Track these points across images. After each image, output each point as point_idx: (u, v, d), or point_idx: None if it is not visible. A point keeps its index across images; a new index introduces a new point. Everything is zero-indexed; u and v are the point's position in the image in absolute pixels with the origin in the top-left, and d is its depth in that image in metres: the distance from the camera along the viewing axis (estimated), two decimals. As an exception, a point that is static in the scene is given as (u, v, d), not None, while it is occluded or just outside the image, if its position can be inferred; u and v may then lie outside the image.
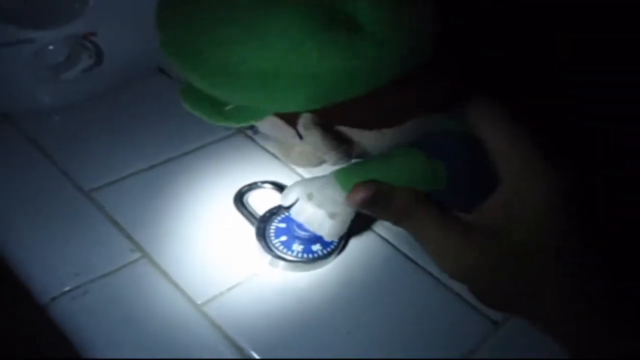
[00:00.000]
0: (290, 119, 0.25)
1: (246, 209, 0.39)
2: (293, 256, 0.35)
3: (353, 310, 0.34)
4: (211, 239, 0.38)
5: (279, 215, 0.38)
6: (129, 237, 0.37)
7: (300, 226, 0.35)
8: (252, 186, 0.41)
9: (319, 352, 0.32)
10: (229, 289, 0.35)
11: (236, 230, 0.38)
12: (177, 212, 0.39)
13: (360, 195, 0.24)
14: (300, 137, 0.25)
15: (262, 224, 0.37)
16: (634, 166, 0.30)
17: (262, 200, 0.40)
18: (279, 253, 0.35)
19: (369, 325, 0.33)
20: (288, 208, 0.32)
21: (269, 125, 0.26)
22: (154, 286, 0.35)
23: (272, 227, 0.37)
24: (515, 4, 0.32)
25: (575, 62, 0.33)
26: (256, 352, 0.32)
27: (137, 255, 0.36)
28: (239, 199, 0.40)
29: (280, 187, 0.41)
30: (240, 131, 0.47)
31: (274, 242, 0.36)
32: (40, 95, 0.45)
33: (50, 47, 0.42)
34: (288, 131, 0.26)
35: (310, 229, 0.32)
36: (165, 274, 0.35)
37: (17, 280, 0.34)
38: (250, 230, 0.38)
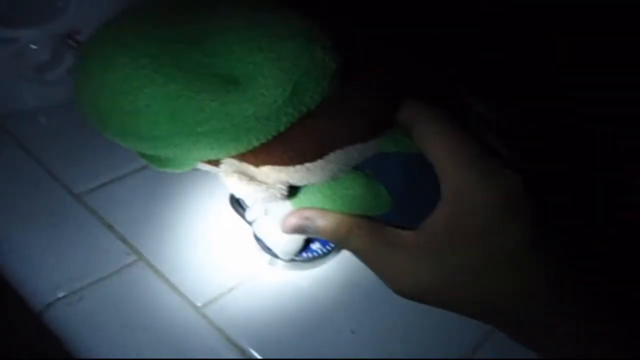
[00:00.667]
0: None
1: (243, 208, 0.39)
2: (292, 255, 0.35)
3: (355, 308, 0.34)
4: (208, 240, 0.37)
5: None
6: (124, 240, 0.36)
7: None
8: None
9: (322, 351, 0.32)
10: (229, 290, 0.34)
11: (233, 230, 0.38)
12: (172, 213, 0.39)
13: (290, 222, 0.25)
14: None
15: None
16: (631, 168, 0.30)
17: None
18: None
19: (370, 324, 0.34)
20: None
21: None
22: (152, 289, 0.34)
23: None
24: (513, 7, 0.32)
25: (573, 64, 0.34)
26: (258, 352, 0.32)
27: (132, 258, 0.36)
28: (235, 200, 0.39)
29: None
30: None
31: None
32: (25, 95, 0.44)
33: (33, 47, 0.41)
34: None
35: (267, 244, 0.33)
36: (162, 277, 0.35)
37: (9, 288, 0.33)
38: (248, 230, 0.37)
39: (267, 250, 0.36)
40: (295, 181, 0.25)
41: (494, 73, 0.26)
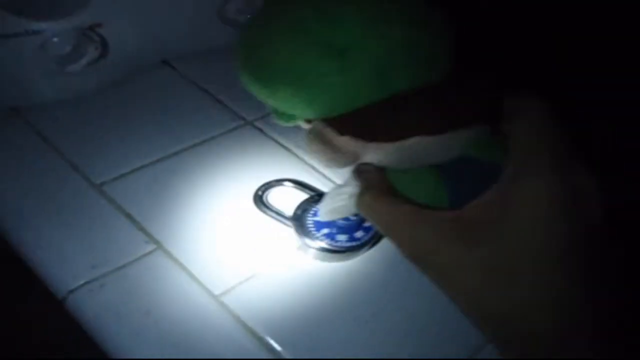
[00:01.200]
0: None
1: (266, 207, 0.39)
2: (335, 245, 0.36)
3: (372, 300, 0.35)
4: (226, 229, 0.38)
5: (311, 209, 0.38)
6: (143, 230, 0.37)
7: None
8: (269, 185, 0.40)
9: (339, 340, 0.33)
10: (247, 279, 0.35)
11: (252, 221, 0.39)
12: (190, 203, 0.39)
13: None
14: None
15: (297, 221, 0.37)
16: (632, 168, 0.30)
17: (281, 198, 0.40)
18: (324, 245, 0.36)
19: (386, 317, 0.34)
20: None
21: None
22: (171, 278, 0.35)
23: (310, 220, 0.37)
24: (513, 6, 0.32)
25: (573, 64, 0.33)
26: (275, 340, 0.32)
27: (151, 247, 0.36)
28: (259, 198, 0.39)
29: (301, 184, 0.41)
30: (248, 123, 0.47)
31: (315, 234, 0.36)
32: (46, 88, 0.44)
33: (55, 39, 0.42)
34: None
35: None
36: (181, 266, 0.35)
37: (33, 275, 0.34)
38: (266, 221, 0.38)
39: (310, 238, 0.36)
40: (368, 157, 0.25)
41: (494, 72, 0.26)
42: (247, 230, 0.38)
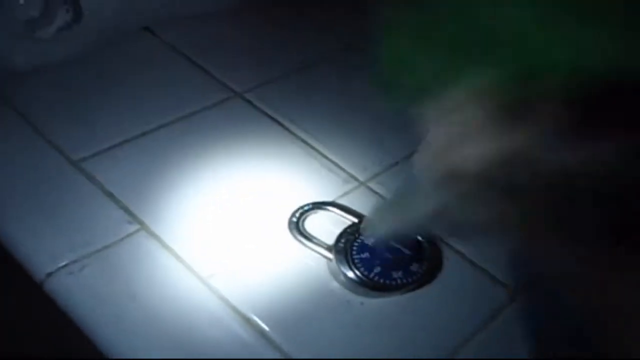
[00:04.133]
0: None
1: (303, 235, 0.34)
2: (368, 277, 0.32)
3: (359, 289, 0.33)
4: (212, 209, 0.36)
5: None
6: (125, 209, 0.35)
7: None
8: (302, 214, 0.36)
9: (321, 321, 0.31)
10: (234, 262, 0.33)
11: (239, 198, 0.37)
12: (175, 181, 0.37)
13: None
14: None
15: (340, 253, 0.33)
16: None
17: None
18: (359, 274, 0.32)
19: (374, 305, 0.33)
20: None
21: None
22: (156, 259, 0.33)
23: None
24: None
25: None
26: (263, 321, 0.31)
27: (135, 227, 0.34)
28: (296, 226, 0.34)
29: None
30: (237, 95, 0.44)
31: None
32: (17, 55, 0.41)
33: (22, 1, 0.39)
34: None
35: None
36: (166, 246, 0.34)
37: (11, 257, 0.32)
38: (254, 200, 0.36)
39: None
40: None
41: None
42: (236, 213, 0.36)
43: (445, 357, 0.30)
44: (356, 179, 0.39)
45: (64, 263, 0.32)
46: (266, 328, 0.31)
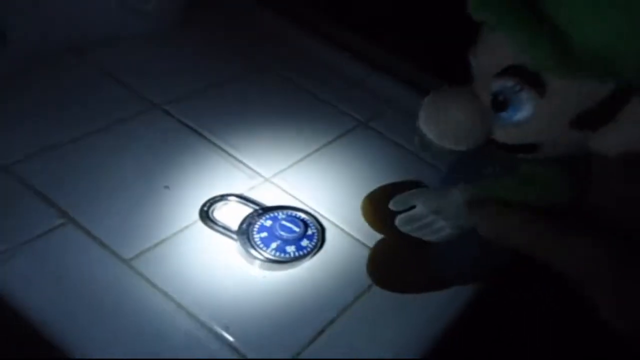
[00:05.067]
0: None
1: (216, 223, 0.40)
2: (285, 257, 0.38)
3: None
4: (134, 201, 0.41)
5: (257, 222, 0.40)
6: (52, 205, 0.39)
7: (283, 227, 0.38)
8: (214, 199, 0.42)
9: (235, 292, 0.37)
10: (155, 245, 0.39)
11: (158, 194, 0.42)
12: (99, 179, 0.42)
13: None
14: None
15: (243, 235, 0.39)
16: None
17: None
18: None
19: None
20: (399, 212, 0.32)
21: None
22: (82, 247, 0.37)
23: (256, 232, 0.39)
24: None
25: None
26: (179, 296, 0.36)
27: (61, 220, 0.39)
28: (206, 215, 0.40)
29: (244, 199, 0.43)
30: (156, 106, 0.50)
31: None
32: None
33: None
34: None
35: (419, 236, 0.33)
36: (91, 235, 0.38)
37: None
38: (172, 195, 0.41)
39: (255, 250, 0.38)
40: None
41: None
42: (155, 203, 0.41)
43: (330, 319, 0.37)
44: (261, 175, 0.46)
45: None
46: (182, 300, 0.36)
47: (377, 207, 0.41)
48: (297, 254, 0.39)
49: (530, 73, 0.23)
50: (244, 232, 0.39)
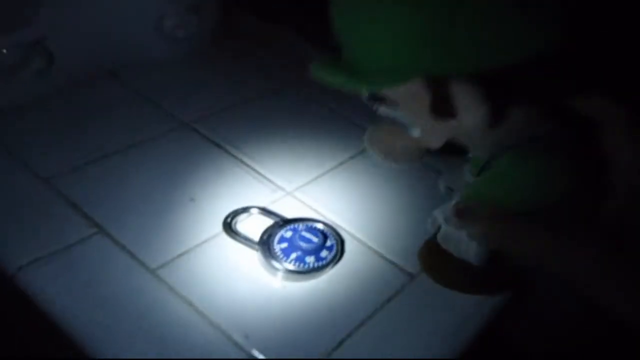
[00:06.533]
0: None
1: (238, 234, 0.41)
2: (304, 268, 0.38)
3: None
4: (162, 214, 0.43)
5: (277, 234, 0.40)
6: (85, 216, 0.42)
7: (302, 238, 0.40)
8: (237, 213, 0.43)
9: (256, 301, 0.38)
10: (180, 255, 0.40)
11: (185, 206, 0.44)
12: (130, 193, 0.44)
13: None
14: (436, 110, 0.27)
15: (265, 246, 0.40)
16: None
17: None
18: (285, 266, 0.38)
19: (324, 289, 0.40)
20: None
21: (405, 94, 0.28)
22: (111, 256, 0.39)
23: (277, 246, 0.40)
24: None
25: None
26: (203, 305, 0.37)
27: (93, 230, 0.41)
28: (229, 227, 0.41)
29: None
30: (184, 124, 0.53)
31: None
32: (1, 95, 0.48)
33: (4, 51, 0.47)
34: (423, 103, 0.28)
35: (456, 254, 0.36)
36: (120, 245, 0.40)
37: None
38: (197, 207, 0.43)
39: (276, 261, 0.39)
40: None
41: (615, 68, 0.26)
42: (182, 215, 0.43)
43: (349, 331, 0.37)
44: (283, 189, 0.47)
45: (32, 258, 0.38)
46: (204, 309, 0.37)
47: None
48: (316, 264, 0.39)
49: (371, 94, 0.31)
50: (265, 243, 0.40)
